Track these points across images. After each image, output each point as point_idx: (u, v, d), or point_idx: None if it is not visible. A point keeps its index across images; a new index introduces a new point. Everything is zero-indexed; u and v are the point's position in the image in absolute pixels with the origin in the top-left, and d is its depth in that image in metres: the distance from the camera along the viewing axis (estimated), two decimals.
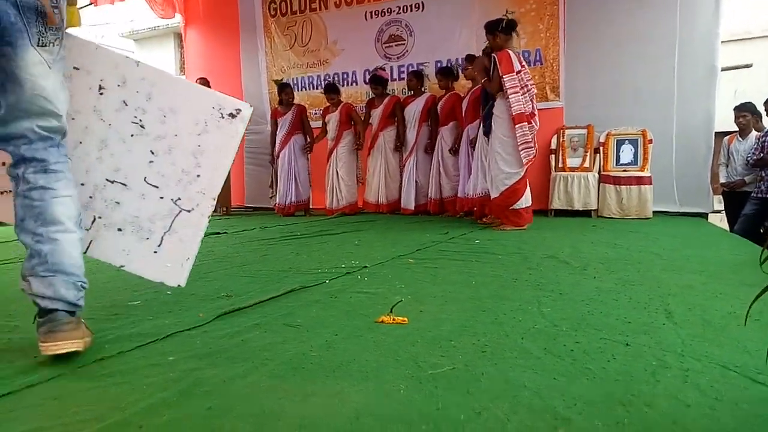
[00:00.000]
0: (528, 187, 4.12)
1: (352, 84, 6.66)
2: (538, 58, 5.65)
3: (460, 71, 5.59)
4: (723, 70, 5.16)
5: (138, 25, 18.19)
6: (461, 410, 1.04)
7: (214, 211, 4.41)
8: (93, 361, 1.31)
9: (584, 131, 5.32)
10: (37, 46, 1.25)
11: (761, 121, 5.13)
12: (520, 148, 3.91)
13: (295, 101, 6.35)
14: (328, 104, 6.06)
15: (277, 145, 6.14)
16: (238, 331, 1.55)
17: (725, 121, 5.52)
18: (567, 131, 5.40)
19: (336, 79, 6.67)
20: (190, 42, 8.04)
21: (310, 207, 6.16)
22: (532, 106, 3.98)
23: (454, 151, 5.33)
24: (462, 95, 5.30)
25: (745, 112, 5.03)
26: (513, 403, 1.07)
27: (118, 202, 1.44)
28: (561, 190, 5.17)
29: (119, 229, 1.44)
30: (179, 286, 1.48)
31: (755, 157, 4.52)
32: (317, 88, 6.80)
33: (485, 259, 2.74)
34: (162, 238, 1.44)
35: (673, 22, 5.13)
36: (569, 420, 1.00)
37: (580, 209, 5.07)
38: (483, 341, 1.44)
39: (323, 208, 6.14)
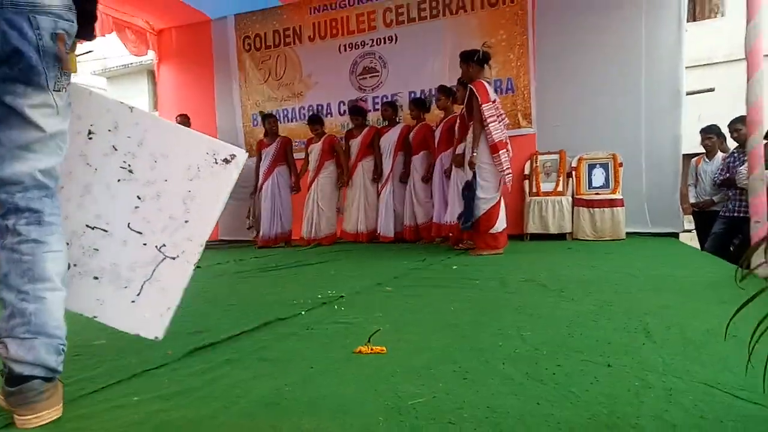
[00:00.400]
0: (503, 211, 4.16)
1: (327, 116, 6.69)
2: (509, 86, 5.76)
3: (433, 102, 5.66)
4: (688, 94, 5.33)
5: (110, 62, 18.15)
6: None
7: None
8: None
9: (556, 156, 5.41)
10: (53, 90, 1.20)
11: (726, 142, 5.29)
12: (504, 173, 4.04)
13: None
14: (310, 136, 6.05)
15: (260, 177, 6.07)
16: (208, 368, 1.48)
17: (692, 144, 5.68)
18: (540, 157, 5.47)
19: (312, 110, 6.70)
20: (164, 78, 8.01)
21: (291, 238, 6.08)
22: (506, 134, 4.13)
23: (427, 179, 5.37)
24: (433, 126, 5.37)
25: (711, 134, 5.18)
26: (496, 431, 1.03)
27: (96, 249, 1.36)
28: (536, 215, 5.21)
29: (95, 278, 1.36)
30: (156, 338, 1.38)
31: (722, 178, 4.63)
32: (292, 121, 6.81)
33: (463, 284, 2.72)
34: (141, 287, 1.36)
35: (639, 48, 5.30)
36: None
37: (555, 233, 5.10)
38: (464, 368, 1.40)
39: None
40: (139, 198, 1.37)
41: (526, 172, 5.51)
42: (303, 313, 2.17)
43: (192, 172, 1.38)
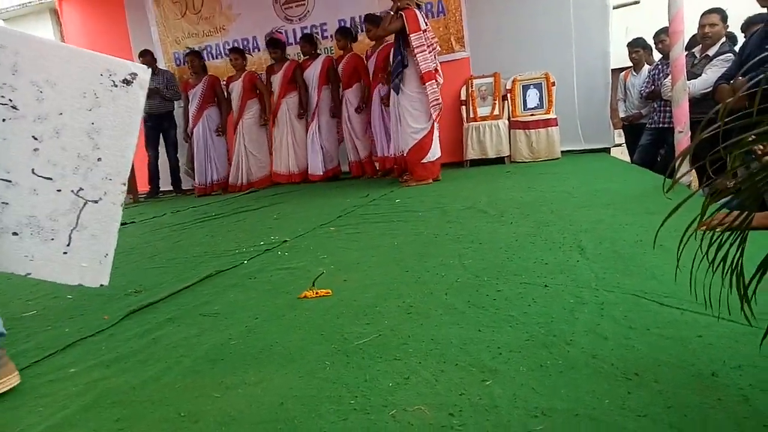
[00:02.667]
0: (436, 141, 4.19)
1: (254, 50, 6.33)
2: (440, 9, 5.60)
3: (359, 31, 5.43)
4: (614, 8, 5.37)
5: (6, 2, 16.29)
6: (389, 378, 1.02)
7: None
8: None
9: (491, 79, 5.39)
10: None
11: (652, 54, 5.41)
12: (431, 104, 4.02)
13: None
14: (231, 74, 5.71)
15: (190, 119, 5.72)
16: (147, 330, 1.44)
17: (621, 58, 5.78)
18: (475, 81, 5.44)
19: (236, 45, 6.31)
20: (68, 18, 7.29)
21: (228, 184, 5.85)
22: (436, 62, 4.09)
23: (360, 110, 5.23)
24: (362, 55, 5.18)
25: (637, 47, 5.27)
26: (440, 361, 1.06)
27: (5, 203, 1.22)
28: (474, 140, 5.25)
29: (15, 233, 1.23)
30: (102, 285, 1.31)
31: (647, 90, 4.77)
32: (216, 58, 6.41)
33: (406, 218, 2.73)
34: (70, 236, 1.25)
35: None
36: (495, 371, 0.99)
37: (494, 157, 5.18)
38: (408, 302, 1.42)
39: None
40: (36, 138, 1.20)
41: (462, 97, 5.48)
42: (245, 262, 2.13)
43: (89, 100, 1.22)
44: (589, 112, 5.31)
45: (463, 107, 5.46)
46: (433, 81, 4.03)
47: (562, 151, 5.09)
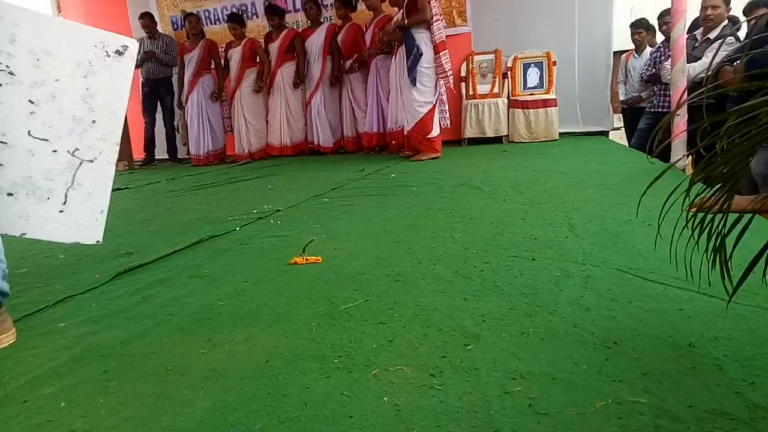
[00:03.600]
0: (437, 116, 4.20)
1: (252, 17, 6.22)
2: None
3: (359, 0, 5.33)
4: None
5: None
6: (374, 340, 1.03)
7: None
8: None
9: (492, 56, 5.34)
10: None
11: (656, 36, 5.36)
12: (440, 76, 4.03)
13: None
14: (230, 40, 5.60)
15: (185, 86, 5.58)
16: (138, 289, 1.45)
17: (624, 40, 5.73)
18: (476, 57, 5.39)
19: (234, 11, 6.20)
20: None
21: (225, 154, 5.79)
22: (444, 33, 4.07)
23: (351, 71, 5.13)
24: (362, 25, 5.10)
25: (641, 28, 5.21)
26: (424, 326, 1.08)
27: (1, 164, 1.24)
28: (473, 119, 5.22)
29: (9, 194, 1.26)
30: (98, 242, 1.37)
31: (648, 73, 4.73)
32: (215, 23, 6.30)
33: (401, 192, 2.73)
34: (66, 194, 1.30)
35: None
36: (478, 336, 1.01)
37: (492, 136, 5.16)
38: (396, 271, 1.44)
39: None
40: (32, 102, 1.25)
41: (463, 74, 5.44)
42: (238, 229, 2.14)
43: (84, 68, 1.28)
44: (589, 94, 5.27)
45: (463, 84, 5.41)
46: (446, 50, 4.00)
47: (560, 133, 5.07)
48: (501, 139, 5.16)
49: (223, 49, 5.71)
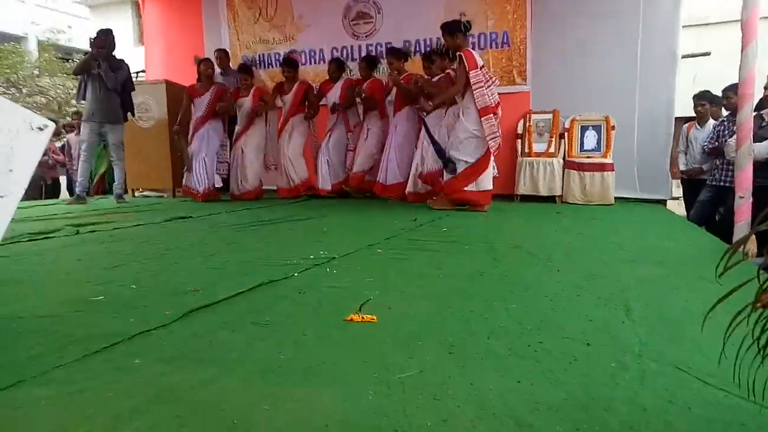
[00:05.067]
0: (489, 170, 4.40)
1: (319, 62, 6.54)
2: (505, 40, 5.66)
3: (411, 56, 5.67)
4: (683, 57, 5.29)
5: None
6: (428, 417, 1.07)
7: (162, 194, 4.67)
8: (55, 366, 1.28)
9: (550, 116, 5.40)
10: None
11: (720, 109, 5.29)
12: (488, 138, 4.20)
13: (263, 79, 6.15)
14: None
15: (190, 129, 5.82)
16: (205, 331, 1.54)
17: (685, 107, 5.68)
18: (533, 116, 5.46)
19: (303, 56, 6.54)
20: (149, 11, 7.73)
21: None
22: (496, 96, 4.31)
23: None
24: (383, 81, 5.50)
25: (704, 100, 5.17)
26: (478, 408, 1.10)
27: None
28: (527, 176, 5.25)
29: None
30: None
31: (710, 146, 4.67)
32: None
33: (453, 249, 2.78)
34: None
35: (637, 8, 5.21)
36: (531, 426, 1.03)
37: (545, 195, 5.17)
38: (450, 341, 1.47)
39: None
40: None
41: (519, 131, 5.50)
42: (296, 274, 2.22)
43: (12, 134, 1.70)
44: (648, 161, 5.23)
45: (519, 141, 5.47)
46: (490, 115, 4.19)
47: (615, 198, 5.02)
48: (554, 198, 5.15)
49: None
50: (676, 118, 5.24)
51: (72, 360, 1.31)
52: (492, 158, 4.42)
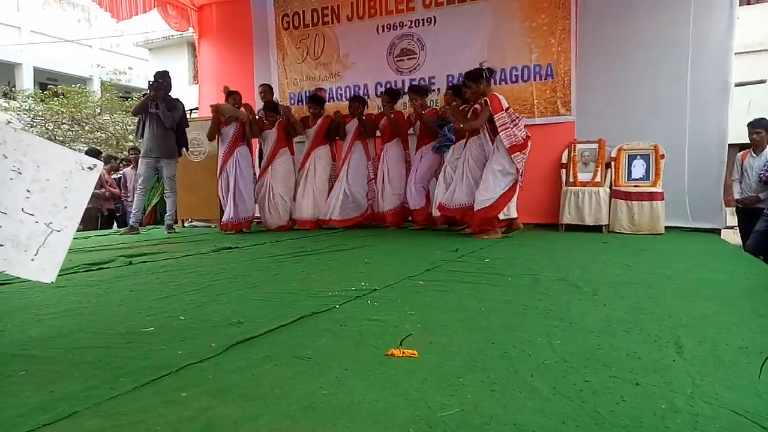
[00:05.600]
0: (512, 200, 4.63)
1: (366, 97, 6.69)
2: (549, 72, 5.66)
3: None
4: (736, 85, 5.13)
5: (152, 34, 18.43)
6: None
7: (210, 224, 5.18)
8: (108, 398, 1.33)
9: (595, 146, 5.31)
10: None
11: None
12: (519, 173, 4.56)
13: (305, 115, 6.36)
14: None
15: (219, 158, 6.00)
16: (249, 364, 1.57)
17: (740, 134, 5.49)
18: (578, 146, 5.39)
19: (348, 91, 6.73)
20: (204, 52, 8.15)
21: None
22: (524, 131, 4.56)
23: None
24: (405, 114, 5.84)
25: (760, 128, 4.98)
26: None
27: (0, 226, 1.79)
28: (572, 205, 5.16)
29: (1, 245, 1.77)
30: (51, 282, 1.81)
31: (767, 175, 4.47)
32: (330, 101, 6.84)
33: (495, 281, 2.75)
34: (37, 250, 1.81)
35: (686, 35, 5.12)
36: None
37: (591, 224, 5.05)
38: (492, 378, 1.45)
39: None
40: (29, 191, 1.83)
41: (564, 160, 5.44)
42: (337, 306, 2.25)
43: (66, 174, 1.86)
44: (700, 189, 5.05)
45: (563, 170, 5.40)
46: (518, 153, 4.48)
47: (666, 227, 4.86)
48: (600, 228, 5.03)
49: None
50: (729, 145, 5.06)
51: (124, 392, 1.36)
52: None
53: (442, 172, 5.27)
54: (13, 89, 17.50)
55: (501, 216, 4.61)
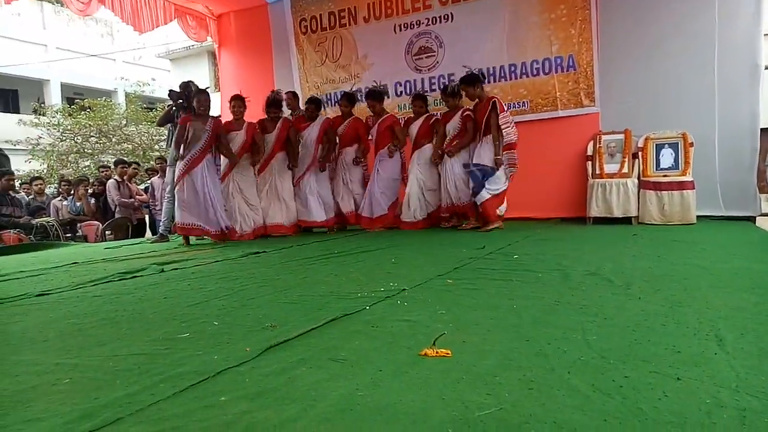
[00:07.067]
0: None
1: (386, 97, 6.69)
2: (570, 63, 5.57)
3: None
4: (766, 68, 4.98)
5: (173, 45, 18.77)
6: None
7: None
8: (150, 404, 1.35)
9: (621, 136, 5.22)
10: None
11: None
12: (509, 168, 4.94)
13: (328, 115, 6.37)
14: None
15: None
16: (284, 368, 1.58)
17: None
18: (603, 137, 5.30)
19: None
20: (224, 61, 8.26)
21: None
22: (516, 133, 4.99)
23: (357, 162, 5.78)
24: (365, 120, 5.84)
25: None
26: None
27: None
28: (599, 197, 5.08)
29: None
30: None
31: None
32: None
33: (525, 278, 2.72)
34: None
35: (712, 19, 4.99)
36: None
37: (620, 216, 4.96)
38: (528, 376, 1.43)
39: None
40: None
41: (589, 152, 5.35)
42: (368, 308, 2.25)
43: None
44: (732, 176, 4.92)
45: (589, 163, 5.31)
46: (513, 151, 4.90)
47: (698, 216, 4.74)
48: (630, 219, 4.94)
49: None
50: (762, 129, 4.92)
51: (164, 397, 1.39)
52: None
53: (415, 179, 5.55)
54: (42, 105, 18.00)
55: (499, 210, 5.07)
